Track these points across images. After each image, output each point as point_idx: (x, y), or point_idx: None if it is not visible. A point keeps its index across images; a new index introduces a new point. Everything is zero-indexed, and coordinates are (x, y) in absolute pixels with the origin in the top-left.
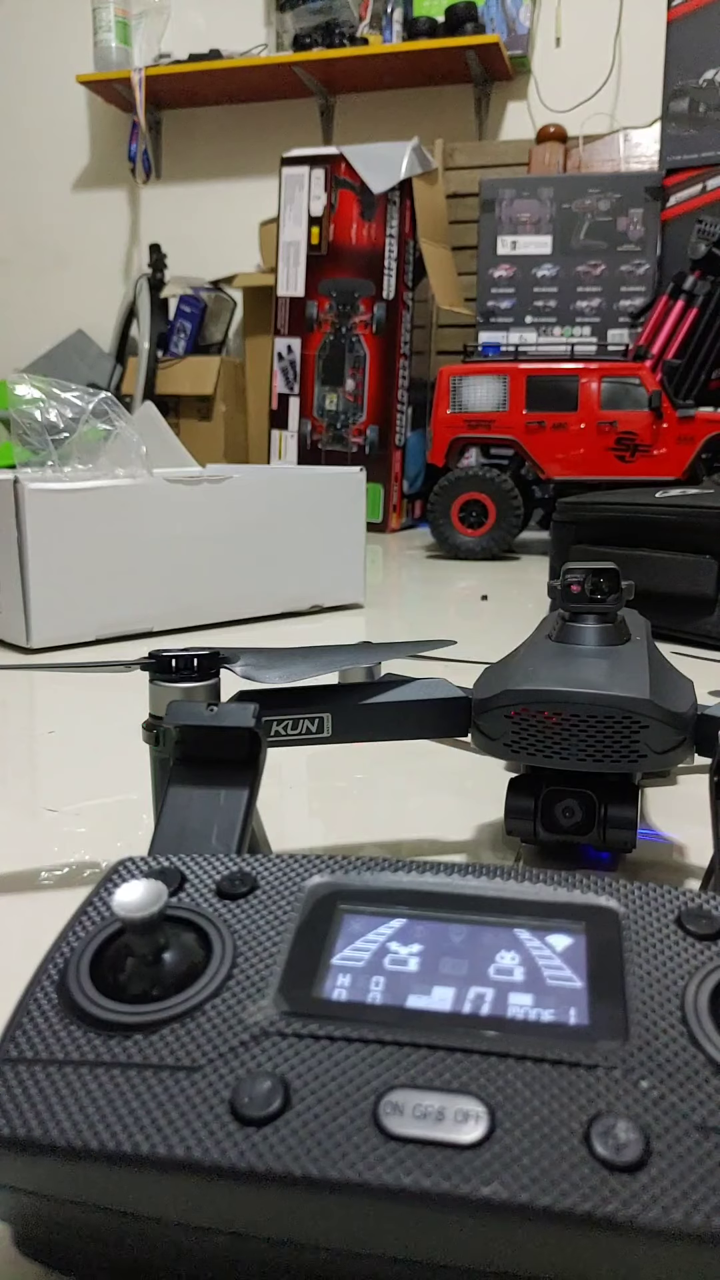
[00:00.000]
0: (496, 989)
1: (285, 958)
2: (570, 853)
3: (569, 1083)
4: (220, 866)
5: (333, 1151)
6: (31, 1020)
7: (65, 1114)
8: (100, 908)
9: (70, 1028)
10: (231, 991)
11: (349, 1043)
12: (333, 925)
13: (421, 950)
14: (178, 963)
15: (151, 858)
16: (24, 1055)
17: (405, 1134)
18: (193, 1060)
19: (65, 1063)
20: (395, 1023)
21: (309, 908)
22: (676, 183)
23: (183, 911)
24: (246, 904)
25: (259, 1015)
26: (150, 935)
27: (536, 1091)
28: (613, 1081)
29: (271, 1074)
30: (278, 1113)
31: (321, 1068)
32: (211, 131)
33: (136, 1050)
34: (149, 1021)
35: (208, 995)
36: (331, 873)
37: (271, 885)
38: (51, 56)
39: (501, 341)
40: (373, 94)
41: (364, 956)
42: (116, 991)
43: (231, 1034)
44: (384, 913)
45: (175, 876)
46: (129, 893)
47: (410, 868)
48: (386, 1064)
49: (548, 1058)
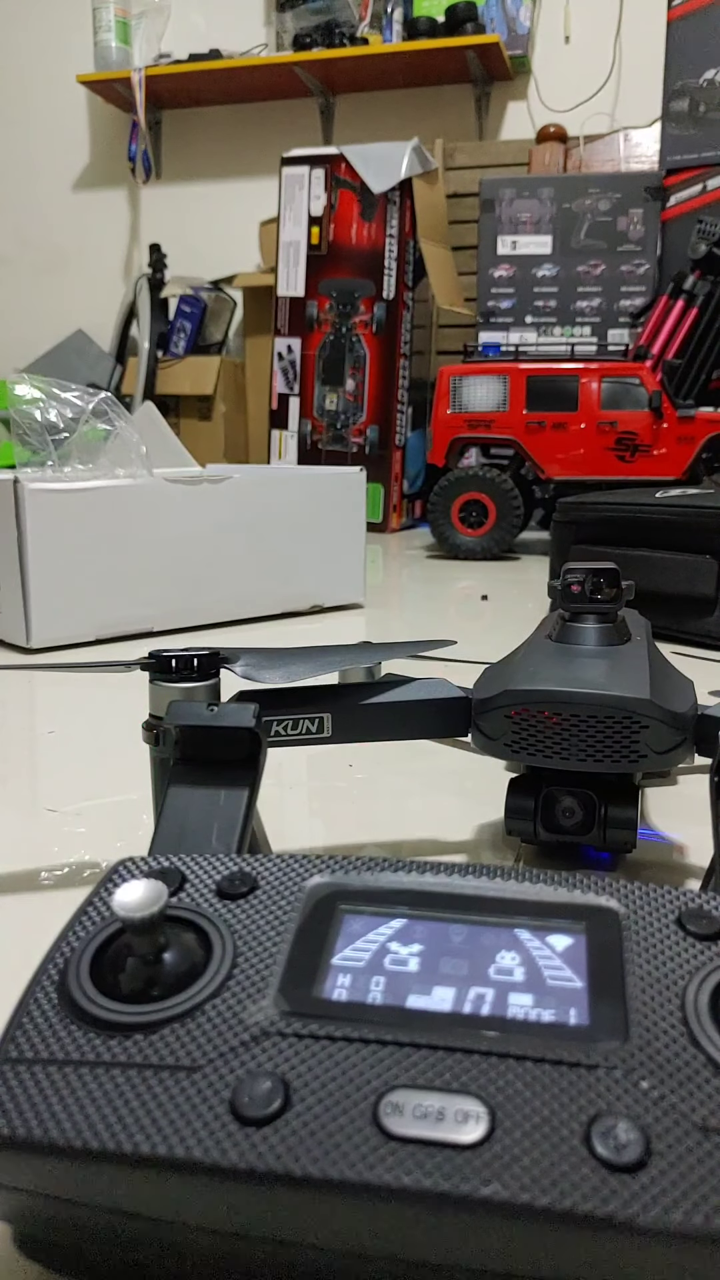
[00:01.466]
0: (497, 989)
1: (285, 958)
2: (570, 853)
3: (569, 1083)
4: (220, 866)
5: (333, 1151)
6: (32, 1020)
7: (65, 1114)
8: (100, 908)
9: (70, 1028)
10: (232, 991)
11: (349, 1043)
12: (333, 925)
13: (422, 950)
14: (178, 963)
15: (151, 858)
16: (24, 1055)
17: (405, 1134)
18: (193, 1060)
19: (65, 1063)
20: (395, 1023)
21: (309, 908)
22: (676, 183)
23: (183, 911)
24: (247, 904)
25: (259, 1015)
26: (150, 935)
27: (537, 1092)
28: (613, 1082)
29: (272, 1074)
30: (278, 1113)
31: (322, 1068)
32: (211, 131)
33: (137, 1050)
34: (149, 1021)
35: (208, 995)
36: (332, 873)
37: (272, 885)
38: (51, 56)
39: (501, 341)
40: (373, 94)
41: (364, 956)
42: (117, 991)
43: (232, 1034)
44: (384, 913)
45: (175, 876)
46: (129, 893)
47: (410, 868)
48: (387, 1064)
49: (548, 1058)
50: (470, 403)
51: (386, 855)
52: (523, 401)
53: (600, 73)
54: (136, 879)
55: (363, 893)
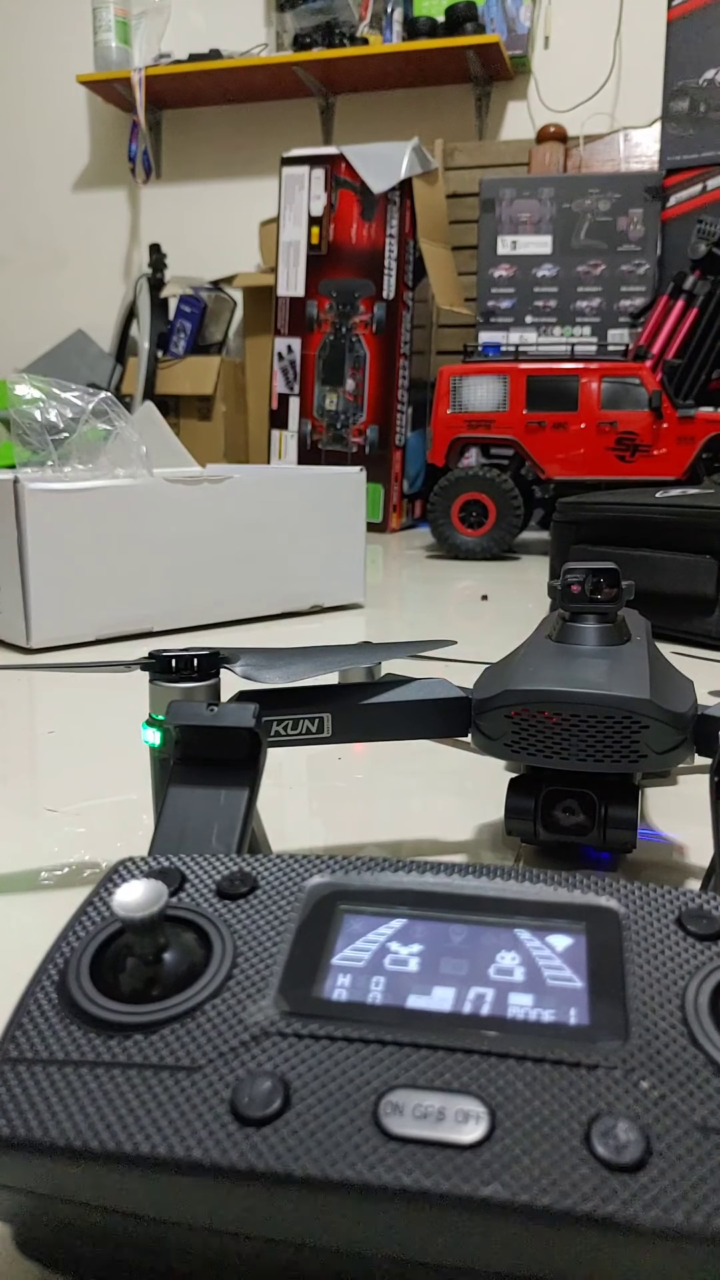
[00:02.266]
0: (497, 989)
1: (285, 958)
2: (570, 853)
3: (569, 1083)
4: (220, 866)
5: (333, 1151)
6: (32, 1020)
7: (65, 1114)
8: (100, 907)
9: (70, 1028)
10: (232, 991)
11: (349, 1043)
12: (333, 925)
13: (422, 950)
14: (178, 963)
15: (152, 858)
16: (24, 1055)
17: (405, 1134)
18: (193, 1060)
19: (65, 1063)
20: (395, 1023)
21: (309, 908)
22: (676, 183)
23: (183, 911)
24: (247, 904)
25: (259, 1015)
26: (150, 935)
27: (537, 1092)
28: (613, 1081)
29: (272, 1074)
30: (278, 1113)
31: (322, 1068)
32: (211, 131)
33: (137, 1050)
34: (149, 1021)
35: (208, 995)
36: (332, 873)
37: (272, 885)
38: (51, 56)
39: (502, 341)
40: (373, 94)
41: (364, 956)
42: (116, 991)
43: (232, 1034)
44: (384, 913)
45: (175, 876)
46: (129, 893)
47: (410, 868)
48: (387, 1064)
49: (548, 1058)
50: (470, 403)
51: (386, 855)
52: (523, 401)
53: (600, 73)
54: (136, 879)
55: (363, 893)
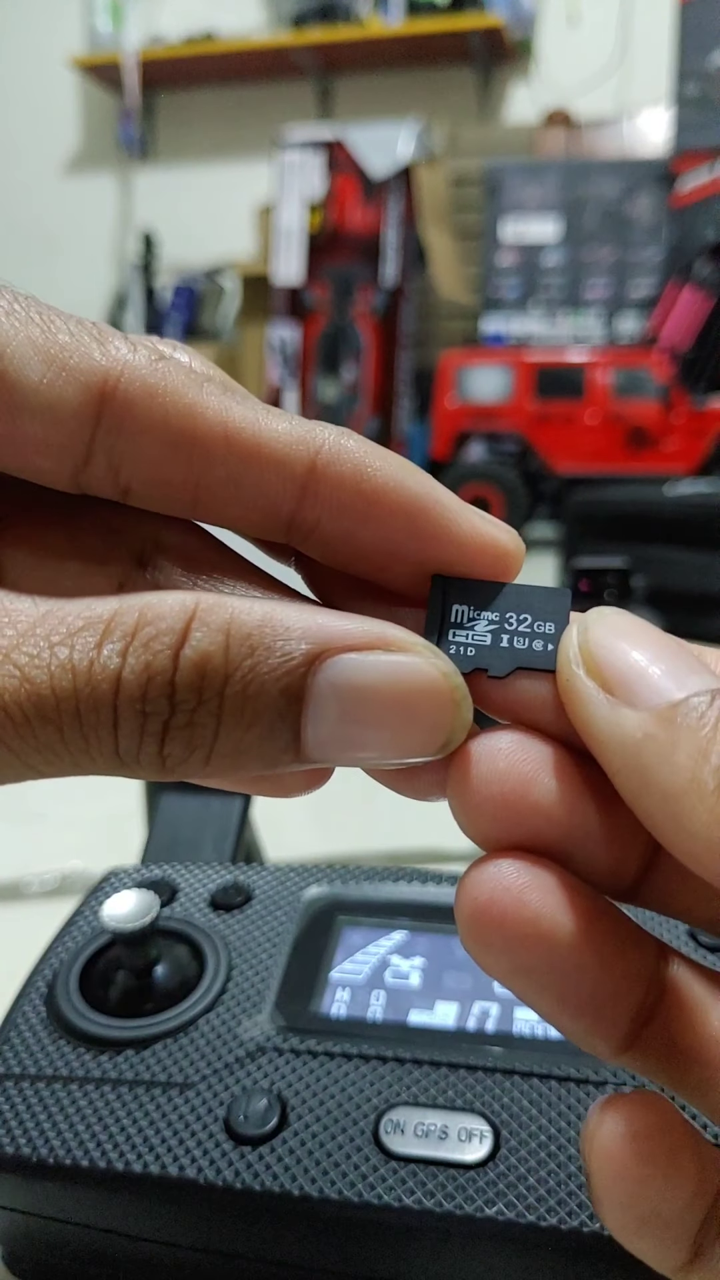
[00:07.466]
0: (501, 1004)
1: (282, 971)
2: None
3: (576, 1100)
4: (214, 876)
5: (331, 1171)
6: (19, 1035)
7: (55, 1132)
8: (90, 918)
9: (59, 1043)
10: (226, 1006)
11: (348, 1059)
12: (331, 938)
13: (424, 964)
14: (170, 976)
15: (143, 867)
16: (11, 1071)
17: (407, 1153)
18: (186, 1077)
19: (54, 1079)
20: (396, 1039)
21: (306, 919)
22: (685, 169)
23: (175, 923)
24: (241, 915)
25: (254, 1031)
26: (141, 948)
27: (543, 1109)
28: None
29: (268, 1091)
30: (274, 1131)
31: (320, 1085)
32: (207, 114)
33: (128, 1066)
34: (141, 1037)
35: (201, 1010)
36: (330, 883)
37: (267, 896)
38: (43, 38)
39: (506, 330)
40: (372, 76)
41: (364, 970)
42: (107, 1005)
43: (226, 1050)
44: (384, 925)
45: (167, 887)
46: (119, 904)
47: (411, 878)
48: (387, 1081)
49: (554, 1074)
50: (474, 393)
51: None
52: (529, 392)
53: (606, 56)
54: (127, 889)
55: (362, 904)
